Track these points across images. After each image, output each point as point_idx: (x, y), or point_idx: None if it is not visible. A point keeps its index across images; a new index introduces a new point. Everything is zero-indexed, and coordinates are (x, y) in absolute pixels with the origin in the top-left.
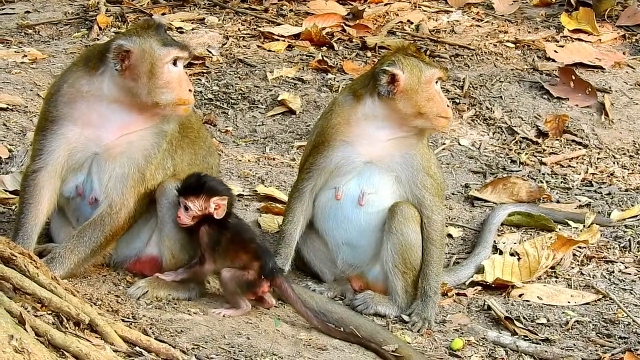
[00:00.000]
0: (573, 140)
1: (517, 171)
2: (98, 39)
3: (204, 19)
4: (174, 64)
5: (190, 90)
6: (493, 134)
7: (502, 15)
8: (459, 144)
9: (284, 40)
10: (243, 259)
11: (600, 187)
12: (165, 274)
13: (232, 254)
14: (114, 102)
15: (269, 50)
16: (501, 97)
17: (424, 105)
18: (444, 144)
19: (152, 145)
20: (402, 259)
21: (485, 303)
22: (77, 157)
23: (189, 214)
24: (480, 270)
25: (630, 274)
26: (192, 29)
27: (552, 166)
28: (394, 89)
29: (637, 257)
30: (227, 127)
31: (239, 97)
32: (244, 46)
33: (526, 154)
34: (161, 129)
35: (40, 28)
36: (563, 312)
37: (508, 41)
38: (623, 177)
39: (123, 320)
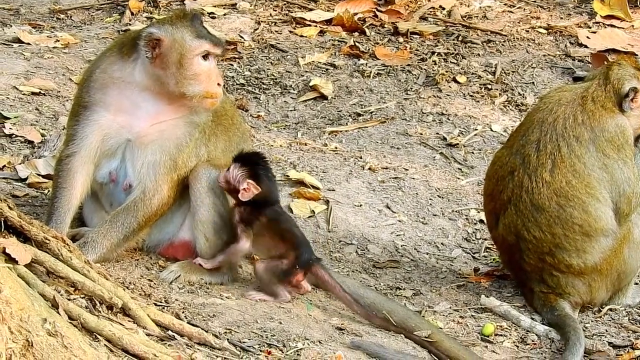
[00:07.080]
0: None
1: None
2: (130, 24)
3: (235, 4)
4: (205, 57)
5: (219, 85)
6: None
7: (534, 1)
8: (491, 130)
9: (315, 26)
10: (280, 247)
11: None
12: (203, 260)
13: (269, 242)
14: (145, 89)
15: (301, 36)
16: (533, 83)
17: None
18: (476, 129)
19: (184, 134)
20: None
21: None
22: (110, 143)
23: (226, 178)
24: None
25: None
26: (224, 14)
27: None
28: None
29: None
30: (259, 112)
31: (271, 83)
32: (276, 31)
33: None
34: (193, 118)
35: (73, 13)
36: None
37: (540, 27)
38: None
39: (155, 304)
